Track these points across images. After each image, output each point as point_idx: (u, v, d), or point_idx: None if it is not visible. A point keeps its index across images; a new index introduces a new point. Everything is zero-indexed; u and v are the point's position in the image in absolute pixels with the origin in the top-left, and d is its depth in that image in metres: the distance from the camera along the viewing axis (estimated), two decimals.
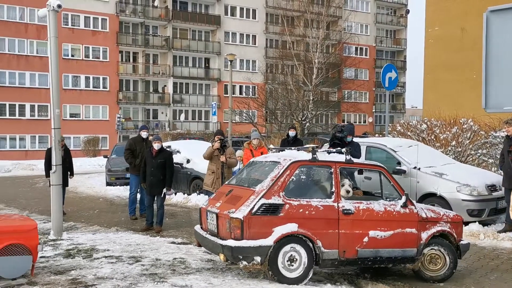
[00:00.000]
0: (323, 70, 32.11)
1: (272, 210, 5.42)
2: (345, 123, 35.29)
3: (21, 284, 5.23)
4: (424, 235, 5.97)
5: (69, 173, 10.88)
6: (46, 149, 11.00)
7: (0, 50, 35.65)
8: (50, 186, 8.41)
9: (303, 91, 32.71)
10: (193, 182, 13.24)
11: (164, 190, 9.04)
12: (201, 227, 6.31)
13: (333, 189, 5.73)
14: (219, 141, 9.01)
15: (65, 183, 10.44)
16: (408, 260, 5.93)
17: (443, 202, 8.77)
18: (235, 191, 5.93)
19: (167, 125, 42.25)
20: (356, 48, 48.17)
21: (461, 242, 6.26)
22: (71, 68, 37.29)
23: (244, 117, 32.26)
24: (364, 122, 51.76)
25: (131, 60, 42.10)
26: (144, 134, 10.37)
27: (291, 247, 5.42)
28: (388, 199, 6.00)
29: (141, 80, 42.14)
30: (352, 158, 6.13)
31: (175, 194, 13.21)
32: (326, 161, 5.92)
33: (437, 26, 20.16)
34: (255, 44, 46.16)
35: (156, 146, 9.01)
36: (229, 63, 24.52)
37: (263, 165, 6.30)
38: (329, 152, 6.28)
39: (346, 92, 38.60)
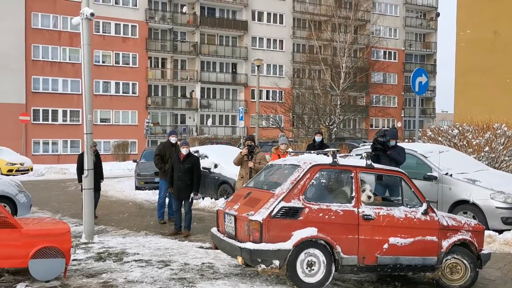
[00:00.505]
0: (350, 74, 31.88)
1: (291, 213, 5.37)
2: (398, 126, 34.85)
3: (54, 286, 5.35)
4: (445, 244, 5.87)
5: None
6: (78, 153, 11.26)
7: (35, 57, 36.73)
8: (82, 191, 8.60)
9: (330, 96, 32.53)
10: (220, 187, 13.30)
11: (192, 195, 9.12)
12: (218, 230, 6.27)
13: (353, 194, 5.67)
14: (247, 147, 9.18)
15: (97, 188, 10.76)
16: (428, 268, 5.82)
17: (476, 209, 8.57)
18: (254, 194, 5.89)
19: (194, 130, 42.64)
20: (385, 52, 47.61)
21: (482, 251, 6.13)
22: (102, 74, 38.11)
23: (271, 122, 32.29)
24: (393, 127, 51.01)
25: (160, 65, 42.72)
26: (173, 139, 10.48)
27: (310, 252, 5.36)
28: (408, 206, 5.91)
29: (169, 85, 42.69)
30: (373, 164, 6.05)
31: (203, 198, 13.30)
32: (346, 166, 5.84)
33: (468, 29, 19.76)
34: (282, 49, 46.18)
35: (184, 151, 9.10)
36: (256, 68, 24.61)
37: (282, 168, 6.25)
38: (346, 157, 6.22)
39: (374, 97, 38.23)
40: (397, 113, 50.46)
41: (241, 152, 9.41)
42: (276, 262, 5.23)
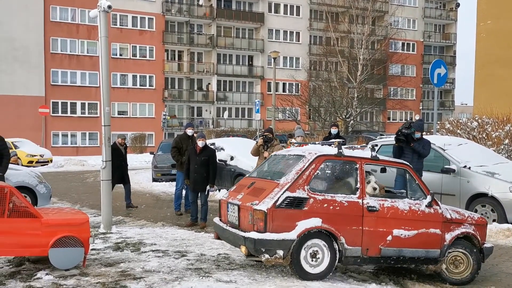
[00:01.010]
0: (368, 66, 31.53)
1: (296, 203, 5.35)
2: (416, 118, 34.45)
3: (73, 275, 5.45)
4: (448, 236, 5.85)
5: None
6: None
7: (53, 50, 37.19)
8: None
9: (347, 88, 32.25)
10: (236, 179, 13.32)
11: (208, 187, 9.18)
12: (220, 220, 6.26)
13: (358, 185, 5.64)
14: (262, 137, 9.31)
15: (127, 180, 11.26)
16: (431, 261, 5.82)
17: (495, 202, 8.46)
18: (258, 184, 5.87)
19: (211, 123, 42.79)
20: (403, 44, 46.98)
21: (485, 245, 6.12)
22: (119, 67, 38.43)
23: (287, 115, 32.20)
24: (411, 119, 50.45)
25: (176, 58, 42.89)
26: (189, 131, 10.54)
27: (314, 243, 5.36)
28: (412, 198, 5.88)
29: (186, 78, 42.85)
30: (378, 156, 6.00)
31: (219, 190, 13.37)
32: (351, 157, 5.80)
33: (489, 20, 19.38)
34: (298, 41, 45.92)
35: (200, 143, 9.15)
36: (272, 60, 24.53)
37: (286, 158, 6.22)
38: (353, 148, 6.15)
39: (392, 89, 37.79)
40: (415, 105, 49.86)
41: (257, 142, 9.63)
42: (280, 252, 5.23)
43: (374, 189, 5.79)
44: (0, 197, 5.50)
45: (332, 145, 5.97)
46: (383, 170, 6.10)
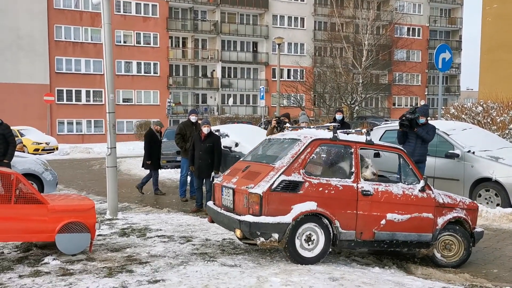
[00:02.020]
0: (373, 52, 31.33)
1: (292, 187, 5.34)
2: (421, 104, 34.27)
3: (80, 260, 5.53)
4: (440, 221, 5.91)
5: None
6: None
7: (57, 37, 37.15)
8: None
9: (352, 74, 32.12)
10: None
11: (212, 173, 9.23)
12: (214, 203, 6.25)
13: (353, 169, 5.65)
14: (275, 119, 9.71)
15: (158, 166, 11.64)
16: (423, 245, 5.88)
17: (499, 187, 8.47)
18: (253, 167, 5.84)
19: (215, 110, 42.77)
20: (408, 29, 46.58)
21: (475, 229, 6.19)
22: (123, 54, 38.38)
23: (292, 101, 32.14)
24: (416, 105, 50.17)
25: (181, 45, 42.75)
26: (193, 118, 10.56)
27: (309, 226, 5.37)
28: (406, 183, 5.90)
29: (190, 65, 42.75)
30: (373, 140, 5.99)
31: None
32: (346, 141, 5.80)
33: (495, 4, 19.16)
34: (303, 27, 45.60)
35: (205, 130, 9.18)
36: (277, 46, 24.42)
37: (281, 142, 6.20)
38: (347, 133, 6.14)
39: (397, 75, 37.59)
40: (420, 91, 49.59)
41: (270, 124, 9.97)
42: (275, 236, 5.23)
43: (374, 174, 5.81)
44: (7, 183, 5.57)
45: (327, 129, 5.96)
46: (377, 155, 6.10)
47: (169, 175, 15.22)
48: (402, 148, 6.22)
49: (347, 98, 29.86)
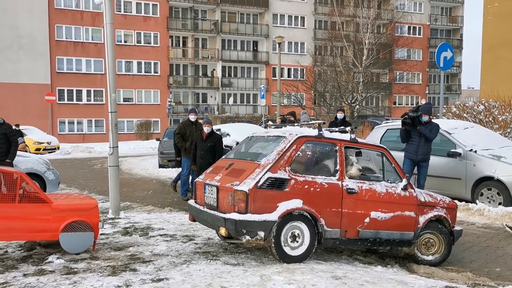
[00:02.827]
0: (373, 51, 31.34)
1: (277, 184, 5.27)
2: (423, 103, 34.32)
3: (84, 258, 5.55)
4: (422, 219, 5.95)
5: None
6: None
7: (58, 37, 37.17)
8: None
9: (352, 73, 32.13)
10: None
11: None
12: (196, 202, 6.16)
13: (338, 167, 5.64)
14: (280, 118, 9.65)
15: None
16: (405, 243, 5.91)
17: (501, 186, 8.47)
18: (237, 165, 5.76)
19: (216, 109, 42.79)
20: (409, 27, 46.55)
21: (455, 228, 6.25)
22: (124, 54, 38.40)
23: (292, 100, 32.16)
24: (417, 103, 50.18)
25: (181, 44, 42.76)
26: (192, 117, 10.56)
27: (294, 224, 5.33)
28: (389, 181, 5.91)
29: (191, 64, 42.76)
30: (358, 138, 5.99)
31: None
32: (331, 139, 5.79)
33: (496, 2, 19.16)
34: (303, 26, 45.60)
35: (206, 129, 9.20)
36: (277, 45, 24.42)
37: (265, 139, 6.15)
38: (331, 131, 6.13)
39: (397, 73, 37.56)
40: (421, 90, 49.60)
41: (276, 122, 9.92)
42: (261, 234, 5.16)
43: (360, 170, 5.82)
44: (11, 183, 5.59)
45: (312, 127, 5.97)
46: (359, 154, 6.13)
47: (170, 174, 15.21)
48: (385, 147, 6.22)
49: (348, 97, 29.87)
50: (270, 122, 7.03)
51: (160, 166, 16.95)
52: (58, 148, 25.49)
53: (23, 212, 5.51)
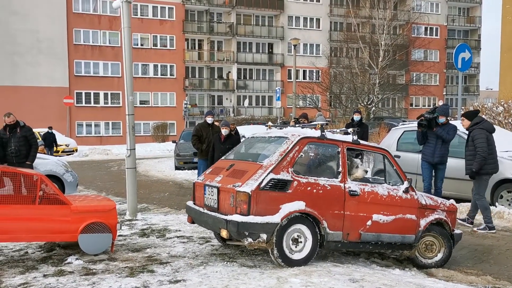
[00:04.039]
0: (390, 52, 31.12)
1: (280, 186, 5.17)
2: (440, 104, 34.00)
3: (102, 259, 5.61)
4: (423, 222, 5.89)
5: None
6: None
7: (76, 41, 37.70)
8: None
9: (368, 75, 31.93)
10: None
11: None
12: (194, 203, 6.07)
13: (340, 169, 5.56)
14: (294, 120, 9.66)
15: None
16: (406, 246, 5.85)
17: None
18: (238, 165, 5.65)
19: (231, 111, 42.91)
20: (426, 28, 46.09)
21: (455, 231, 6.18)
22: (140, 57, 38.76)
23: (308, 102, 32.09)
24: (435, 105, 49.61)
25: (197, 47, 43.00)
26: (209, 119, 10.61)
27: (297, 227, 5.24)
28: (390, 183, 5.85)
29: (206, 67, 42.97)
30: (360, 140, 5.92)
31: None
32: (334, 140, 5.70)
33: None
34: (319, 27, 45.48)
35: (224, 131, 9.22)
36: (292, 47, 24.39)
37: (267, 140, 6.06)
38: (333, 132, 6.08)
39: (414, 75, 37.21)
40: (438, 91, 49.04)
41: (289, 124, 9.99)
42: (264, 236, 5.05)
43: (366, 171, 5.80)
44: (31, 184, 5.68)
45: (314, 128, 5.90)
46: (359, 155, 6.04)
47: (186, 176, 15.33)
48: (387, 149, 6.17)
49: (364, 98, 29.69)
50: (270, 123, 6.90)
51: (176, 168, 17.06)
52: (76, 150, 25.84)
53: (43, 214, 5.59)
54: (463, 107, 15.08)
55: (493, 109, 13.10)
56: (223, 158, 6.50)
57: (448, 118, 8.66)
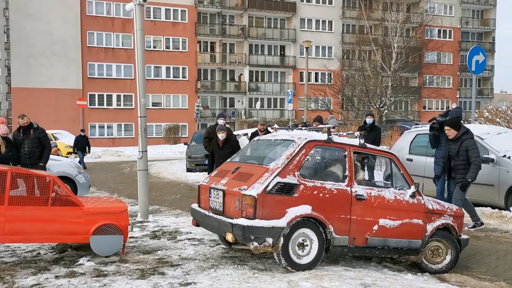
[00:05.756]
0: (402, 54, 30.89)
1: (287, 189, 5.11)
2: (453, 107, 33.78)
3: (113, 261, 5.63)
4: (429, 227, 5.82)
5: None
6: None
7: (90, 43, 38.05)
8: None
9: (381, 77, 31.73)
10: None
11: None
12: (199, 206, 6.01)
13: (347, 172, 5.49)
14: (301, 124, 9.52)
15: None
16: (413, 251, 5.78)
17: None
18: (244, 168, 5.58)
19: (243, 113, 42.95)
20: (439, 31, 45.70)
21: (461, 236, 6.10)
22: (153, 59, 39.00)
23: (319, 105, 31.99)
24: (448, 108, 49.13)
25: (209, 49, 43.14)
26: (221, 121, 10.58)
27: (303, 231, 5.18)
28: (397, 188, 5.78)
29: (218, 69, 43.08)
30: (366, 144, 5.83)
31: None
32: (340, 143, 5.63)
33: None
34: (331, 30, 45.36)
35: (221, 136, 9.00)
36: (304, 50, 24.35)
37: (273, 143, 5.99)
38: (339, 135, 5.99)
39: (427, 77, 36.90)
40: (452, 94, 48.59)
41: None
42: (270, 240, 4.99)
43: (364, 175, 5.83)
44: (44, 186, 5.73)
45: (321, 131, 5.85)
46: (364, 159, 5.94)
47: (198, 178, 15.32)
48: (393, 153, 6.09)
49: (376, 101, 29.50)
50: (276, 126, 6.82)
51: (188, 170, 17.10)
52: (89, 151, 26.01)
53: (55, 215, 5.63)
54: (477, 110, 14.91)
55: (507, 112, 12.94)
56: (228, 160, 6.45)
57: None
